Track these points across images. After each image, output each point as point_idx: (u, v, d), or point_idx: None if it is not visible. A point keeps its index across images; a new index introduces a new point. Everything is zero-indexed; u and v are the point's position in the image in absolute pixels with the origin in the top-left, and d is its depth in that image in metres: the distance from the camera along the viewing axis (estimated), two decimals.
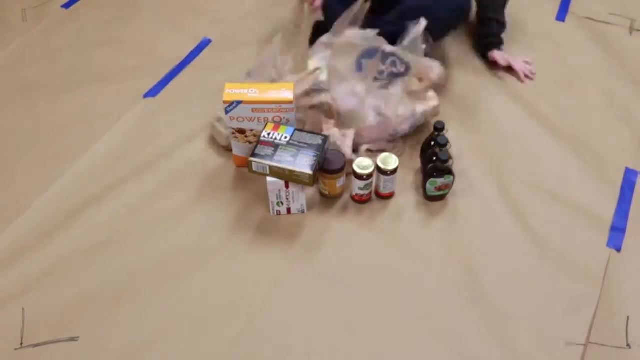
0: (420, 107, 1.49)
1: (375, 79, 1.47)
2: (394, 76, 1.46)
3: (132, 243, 1.39)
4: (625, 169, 1.53)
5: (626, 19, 1.99)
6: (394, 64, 1.45)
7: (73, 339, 1.22)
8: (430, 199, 1.46)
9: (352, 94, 1.44)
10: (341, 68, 1.45)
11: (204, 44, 1.95)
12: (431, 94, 1.53)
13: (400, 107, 1.46)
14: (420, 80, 1.49)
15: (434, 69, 1.47)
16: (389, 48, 1.46)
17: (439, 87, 1.54)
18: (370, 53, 1.45)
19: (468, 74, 1.81)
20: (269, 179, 1.36)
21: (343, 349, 1.20)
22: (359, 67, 1.46)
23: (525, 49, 1.90)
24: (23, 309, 1.28)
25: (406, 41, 1.48)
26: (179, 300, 1.28)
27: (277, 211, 1.43)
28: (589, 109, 1.70)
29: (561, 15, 2.04)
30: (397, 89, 1.46)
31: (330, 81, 1.46)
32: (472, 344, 1.21)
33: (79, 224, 1.43)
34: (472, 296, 1.28)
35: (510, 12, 2.05)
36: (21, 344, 1.22)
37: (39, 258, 1.37)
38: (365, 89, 1.45)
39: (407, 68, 1.46)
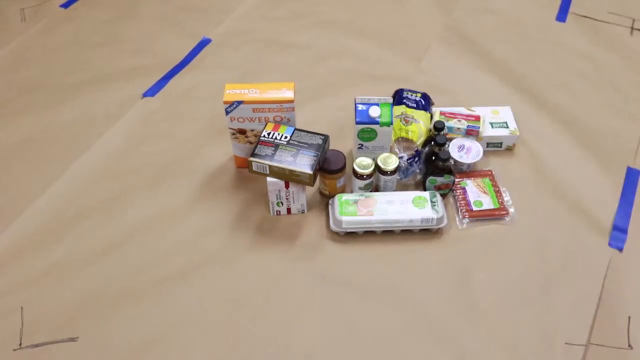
0: None
1: None
2: None
3: (132, 243, 1.39)
4: (627, 168, 1.53)
5: (627, 19, 1.99)
6: None
7: (72, 340, 1.22)
8: None
9: None
10: None
11: (204, 44, 1.95)
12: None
13: None
14: None
15: None
16: None
17: None
18: None
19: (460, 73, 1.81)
20: (268, 179, 1.36)
21: (343, 349, 1.20)
22: None
23: (525, 49, 1.90)
24: (22, 308, 1.27)
25: None
26: (178, 301, 1.28)
27: (277, 211, 1.43)
28: (590, 109, 1.69)
29: (561, 16, 2.03)
30: None
31: None
32: (472, 344, 1.20)
33: (79, 224, 1.43)
34: (471, 296, 1.28)
35: (511, 12, 2.05)
36: (20, 344, 1.22)
37: (38, 258, 1.36)
38: None
39: None
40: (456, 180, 1.47)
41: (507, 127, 1.56)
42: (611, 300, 1.27)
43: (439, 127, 1.44)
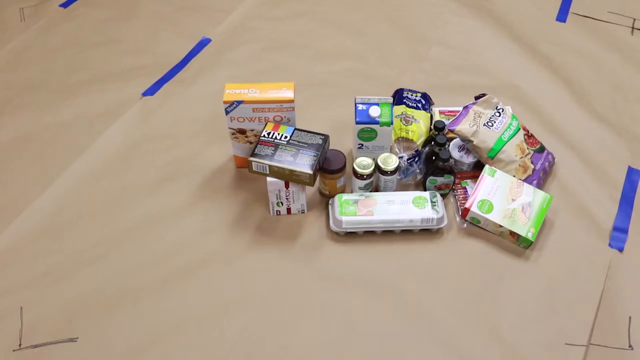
0: None
1: None
2: None
3: (132, 243, 1.38)
4: (628, 168, 1.53)
5: (628, 18, 1.99)
6: None
7: (72, 340, 1.22)
8: None
9: None
10: None
11: (204, 44, 1.94)
12: None
13: None
14: None
15: None
16: None
17: None
18: None
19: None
20: (268, 179, 1.35)
21: (343, 349, 1.20)
22: None
23: (526, 50, 1.90)
24: (21, 309, 1.27)
25: None
26: (178, 301, 1.28)
27: (277, 211, 1.43)
28: (590, 109, 1.69)
29: (562, 16, 2.03)
30: None
31: None
32: (471, 344, 1.20)
33: (78, 224, 1.43)
34: (471, 296, 1.28)
35: (511, 13, 2.05)
36: (20, 345, 1.22)
37: (37, 258, 1.36)
38: None
39: None
40: (456, 180, 1.47)
41: None
42: (612, 300, 1.27)
43: (439, 127, 1.44)
